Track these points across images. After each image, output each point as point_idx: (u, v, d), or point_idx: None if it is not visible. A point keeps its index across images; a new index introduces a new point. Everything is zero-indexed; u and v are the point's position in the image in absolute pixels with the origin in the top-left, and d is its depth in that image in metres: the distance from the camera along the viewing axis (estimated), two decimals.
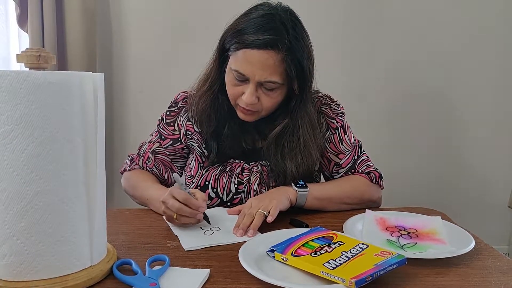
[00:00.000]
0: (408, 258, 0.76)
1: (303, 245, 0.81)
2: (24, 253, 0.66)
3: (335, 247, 0.79)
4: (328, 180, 1.23)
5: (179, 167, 1.24)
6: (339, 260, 0.74)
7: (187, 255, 0.84)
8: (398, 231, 0.94)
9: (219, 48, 1.10)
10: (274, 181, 1.13)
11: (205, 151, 1.16)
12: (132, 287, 0.71)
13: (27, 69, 0.68)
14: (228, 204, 1.14)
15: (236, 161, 1.15)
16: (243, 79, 1.04)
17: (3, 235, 0.66)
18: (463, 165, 2.19)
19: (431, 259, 0.81)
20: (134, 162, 1.21)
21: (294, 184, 1.09)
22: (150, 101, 2.01)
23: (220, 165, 1.15)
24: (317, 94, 1.21)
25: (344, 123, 1.20)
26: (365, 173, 1.17)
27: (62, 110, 0.67)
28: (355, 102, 2.05)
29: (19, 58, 0.68)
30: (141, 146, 1.23)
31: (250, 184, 1.13)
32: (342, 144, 1.18)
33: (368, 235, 0.91)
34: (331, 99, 1.22)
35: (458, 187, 2.20)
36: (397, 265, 0.73)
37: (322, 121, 1.18)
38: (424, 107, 2.13)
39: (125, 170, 1.22)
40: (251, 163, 1.15)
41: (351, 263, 0.73)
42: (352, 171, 1.19)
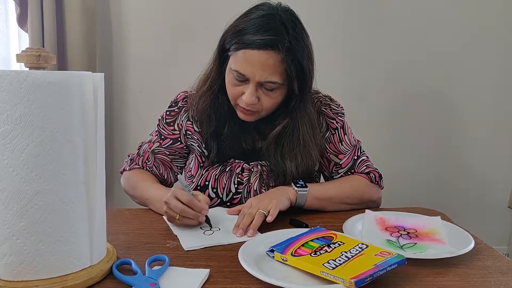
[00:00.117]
0: (408, 258, 0.76)
1: (303, 245, 0.81)
2: (24, 253, 0.66)
3: (335, 247, 0.79)
4: (328, 181, 1.23)
5: (179, 167, 1.24)
6: (339, 260, 0.74)
7: (187, 255, 0.84)
8: (398, 231, 0.94)
9: (219, 48, 1.10)
10: (274, 181, 1.13)
11: (205, 151, 1.16)
12: (132, 287, 0.71)
13: (27, 69, 0.68)
14: (228, 204, 1.14)
15: (236, 161, 1.15)
16: (243, 79, 1.04)
17: (3, 235, 0.66)
18: (463, 165, 2.19)
19: (431, 259, 0.81)
20: (134, 162, 1.21)
21: (294, 184, 1.09)
22: (150, 101, 2.01)
23: (220, 165, 1.15)
24: (317, 94, 1.21)
25: (344, 123, 1.20)
26: (365, 173, 1.17)
27: (62, 110, 0.67)
28: (355, 102, 2.05)
29: (19, 58, 0.68)
30: (141, 146, 1.23)
31: (250, 184, 1.13)
32: (342, 144, 1.18)
33: (368, 235, 0.91)
34: (331, 99, 1.22)
35: (458, 187, 2.21)
36: (397, 265, 0.73)
37: (322, 121, 1.18)
38: (424, 107, 2.14)
39: (125, 170, 1.22)
40: (251, 163, 1.15)
41: (351, 263, 0.74)
42: (352, 171, 1.19)
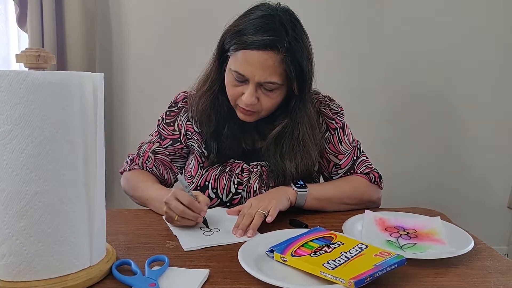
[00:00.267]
0: (408, 259, 0.76)
1: (303, 246, 0.81)
2: (23, 253, 0.66)
3: (335, 248, 0.79)
4: (327, 181, 1.23)
5: (179, 167, 1.24)
6: (339, 261, 0.74)
7: (187, 255, 0.84)
8: (398, 232, 0.94)
9: (219, 49, 1.10)
10: (274, 181, 1.13)
11: (205, 152, 1.16)
12: (131, 287, 0.71)
13: (27, 69, 0.68)
14: (228, 205, 1.14)
15: (236, 162, 1.15)
16: (243, 80, 1.04)
17: (2, 235, 0.66)
18: (463, 166, 2.19)
19: (431, 260, 0.81)
20: (134, 162, 1.21)
21: (294, 184, 1.09)
22: (150, 101, 2.01)
23: (220, 166, 1.15)
24: (317, 95, 1.21)
25: (344, 124, 1.20)
26: (364, 174, 1.17)
27: (62, 110, 0.67)
28: (355, 102, 2.05)
29: (19, 58, 0.68)
30: (141, 146, 1.23)
31: (250, 185, 1.13)
32: (341, 145, 1.18)
33: (368, 236, 0.91)
34: (331, 100, 1.22)
35: (458, 188, 2.21)
36: (397, 266, 0.73)
37: (322, 122, 1.18)
38: (424, 107, 2.13)
39: (125, 170, 1.22)
40: (251, 164, 1.15)
41: (351, 264, 0.73)
42: (351, 172, 1.19)
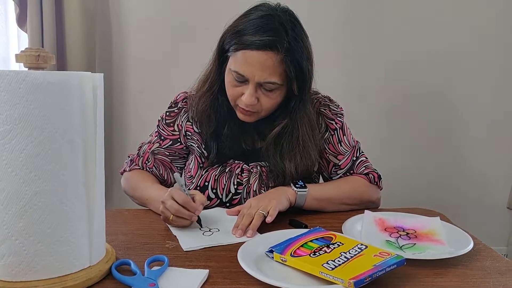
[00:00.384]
0: (407, 259, 0.76)
1: (302, 246, 0.81)
2: (23, 253, 0.66)
3: (334, 248, 0.79)
4: (327, 181, 1.23)
5: (179, 168, 1.24)
6: (338, 261, 0.74)
7: (186, 256, 0.84)
8: (397, 232, 0.94)
9: (219, 49, 1.10)
10: (273, 182, 1.13)
11: (205, 152, 1.16)
12: (131, 287, 0.71)
13: (26, 69, 0.68)
14: (228, 205, 1.14)
15: (236, 162, 1.15)
16: (243, 80, 1.04)
17: (2, 235, 0.66)
18: (463, 166, 2.19)
19: (430, 260, 0.81)
20: (134, 163, 1.20)
21: (293, 185, 1.09)
22: (150, 101, 2.01)
23: (220, 166, 1.15)
24: (316, 95, 1.21)
25: (343, 124, 1.20)
26: (364, 174, 1.17)
27: (61, 110, 0.67)
28: (355, 103, 2.05)
29: (18, 58, 0.68)
30: (141, 147, 1.23)
31: (250, 185, 1.13)
32: (341, 145, 1.18)
33: (367, 236, 0.91)
34: (330, 100, 1.22)
35: (457, 188, 2.20)
36: (396, 266, 0.73)
37: (321, 122, 1.18)
38: (424, 108, 2.13)
39: (125, 171, 1.22)
40: (251, 164, 1.15)
41: (350, 264, 0.74)
42: (351, 172, 1.19)
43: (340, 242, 0.82)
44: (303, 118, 1.11)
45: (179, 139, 1.20)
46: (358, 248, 0.79)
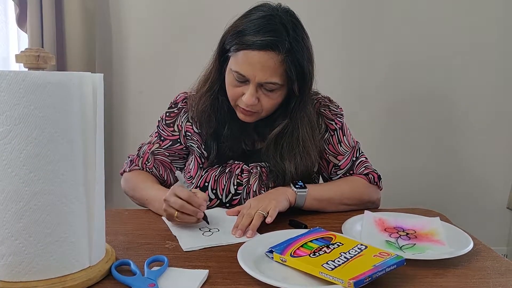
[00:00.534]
0: (407, 259, 0.76)
1: (302, 246, 0.81)
2: (23, 254, 0.66)
3: (334, 248, 0.79)
4: (327, 182, 1.23)
5: (179, 168, 1.23)
6: (338, 261, 0.74)
7: (186, 256, 0.84)
8: (397, 232, 0.94)
9: (219, 49, 1.10)
10: (273, 182, 1.13)
11: (205, 152, 1.16)
12: None
13: (26, 69, 0.68)
14: (227, 205, 1.14)
15: (236, 162, 1.15)
16: (243, 80, 1.04)
17: (2, 236, 0.66)
18: (462, 166, 2.19)
19: (430, 260, 0.81)
20: (134, 163, 1.20)
21: (293, 185, 1.09)
22: (150, 101, 2.01)
23: (220, 166, 1.15)
24: (316, 96, 1.21)
25: (343, 125, 1.20)
26: (364, 174, 1.17)
27: (61, 111, 0.67)
28: (355, 103, 2.05)
29: (18, 58, 0.68)
30: (141, 147, 1.23)
31: (249, 185, 1.13)
32: (341, 146, 1.18)
33: (367, 236, 0.91)
34: (330, 101, 1.22)
35: (457, 188, 2.20)
36: (396, 266, 0.73)
37: (321, 123, 1.18)
38: (424, 108, 2.13)
39: (125, 171, 1.22)
40: (251, 165, 1.15)
41: (350, 264, 0.74)
42: (351, 173, 1.19)
43: (340, 243, 0.82)
44: (303, 119, 1.11)
45: (179, 140, 1.20)
46: (358, 249, 0.79)
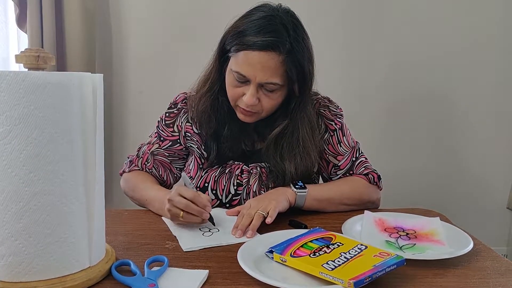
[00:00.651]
0: (407, 259, 0.76)
1: (302, 246, 0.81)
2: (23, 254, 0.66)
3: (334, 248, 0.79)
4: (326, 182, 1.23)
5: (179, 169, 1.23)
6: (338, 261, 0.74)
7: (186, 256, 0.84)
8: (397, 232, 0.94)
9: (220, 49, 1.09)
10: (273, 182, 1.13)
11: (204, 153, 1.16)
12: None
13: (26, 70, 0.68)
14: (227, 206, 1.14)
15: (235, 163, 1.15)
16: (244, 81, 1.04)
17: (2, 236, 0.66)
18: (462, 166, 2.19)
19: (430, 260, 0.81)
20: (133, 164, 1.20)
21: (293, 185, 1.09)
22: (150, 101, 2.00)
23: (220, 167, 1.15)
24: (316, 96, 1.21)
25: (343, 125, 1.20)
26: (364, 175, 1.17)
27: (61, 111, 0.67)
28: (355, 103, 2.05)
29: (18, 59, 0.68)
30: (140, 148, 1.23)
31: (249, 186, 1.13)
32: (341, 146, 1.18)
33: (367, 236, 0.91)
34: (330, 101, 1.22)
35: (457, 188, 2.20)
36: (396, 266, 0.73)
37: (321, 123, 1.18)
38: (424, 108, 2.14)
39: (124, 172, 1.21)
40: (250, 165, 1.15)
41: (350, 264, 0.74)
42: (350, 173, 1.19)
43: (340, 243, 0.82)
44: (304, 119, 1.11)
45: (179, 140, 1.20)
46: (358, 249, 0.79)
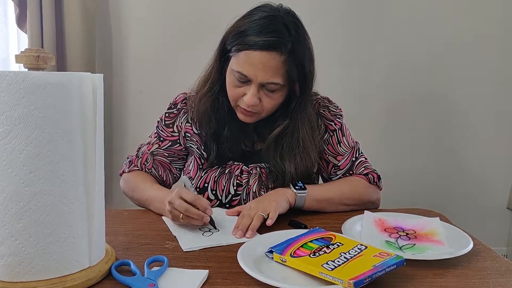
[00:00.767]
0: (407, 259, 0.76)
1: (302, 246, 0.81)
2: (23, 254, 0.66)
3: (334, 248, 0.79)
4: (326, 182, 1.23)
5: (178, 169, 1.23)
6: (338, 261, 0.74)
7: (186, 256, 0.84)
8: (397, 232, 0.94)
9: (220, 49, 1.09)
10: (273, 183, 1.13)
11: (204, 153, 1.16)
12: None
13: (26, 70, 0.68)
14: (227, 206, 1.14)
15: (235, 163, 1.15)
16: (245, 80, 1.04)
17: (2, 236, 0.66)
18: (462, 167, 2.20)
19: (430, 260, 0.81)
20: (133, 164, 1.20)
21: (293, 186, 1.09)
22: (150, 101, 2.00)
23: (219, 167, 1.15)
24: (315, 96, 1.21)
25: (342, 125, 1.20)
26: (363, 175, 1.17)
27: (61, 111, 0.67)
28: (355, 103, 2.05)
29: (18, 59, 0.68)
30: (140, 148, 1.23)
31: (249, 186, 1.13)
32: (340, 146, 1.18)
33: (367, 236, 0.91)
34: (329, 101, 1.22)
35: (457, 188, 2.21)
36: (396, 266, 0.73)
37: (321, 123, 1.18)
38: (424, 108, 2.14)
39: (124, 172, 1.21)
40: (250, 165, 1.15)
41: (350, 264, 0.74)
42: (350, 173, 1.19)
43: (340, 243, 0.82)
44: (304, 119, 1.11)
45: (178, 140, 1.20)
46: (358, 249, 0.79)
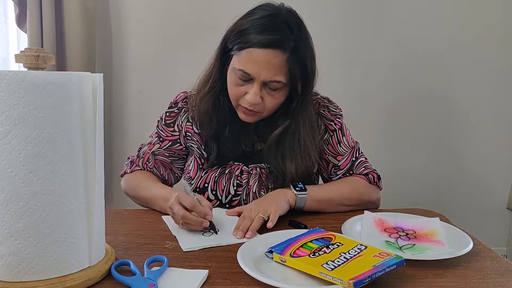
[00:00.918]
0: (407, 259, 0.76)
1: (302, 246, 0.81)
2: (23, 254, 0.66)
3: (334, 248, 0.79)
4: (326, 182, 1.23)
5: (179, 168, 1.23)
6: (338, 261, 0.74)
7: (186, 256, 0.84)
8: (397, 232, 0.94)
9: (221, 48, 1.09)
10: (273, 183, 1.13)
11: (205, 153, 1.16)
12: None
13: (26, 69, 0.68)
14: (227, 206, 1.14)
15: (235, 163, 1.15)
16: (248, 79, 1.04)
17: (1, 236, 0.66)
18: (462, 167, 2.20)
19: (430, 260, 0.81)
20: (135, 164, 1.20)
21: (293, 187, 1.09)
22: (150, 101, 2.00)
23: (219, 167, 1.15)
24: (315, 96, 1.21)
25: (342, 125, 1.20)
26: (363, 175, 1.17)
27: (61, 111, 0.67)
28: (355, 103, 2.05)
29: (18, 58, 0.68)
30: (141, 148, 1.23)
31: (249, 187, 1.13)
32: (340, 146, 1.18)
33: (367, 236, 0.91)
34: (329, 101, 1.22)
35: (457, 188, 2.21)
36: (396, 266, 0.73)
37: (321, 123, 1.18)
38: (424, 108, 2.14)
39: (126, 173, 1.21)
40: (250, 166, 1.15)
41: (350, 264, 0.74)
42: (350, 173, 1.18)
43: (340, 243, 0.82)
44: (305, 119, 1.11)
45: (179, 140, 1.20)
46: (358, 249, 0.79)
